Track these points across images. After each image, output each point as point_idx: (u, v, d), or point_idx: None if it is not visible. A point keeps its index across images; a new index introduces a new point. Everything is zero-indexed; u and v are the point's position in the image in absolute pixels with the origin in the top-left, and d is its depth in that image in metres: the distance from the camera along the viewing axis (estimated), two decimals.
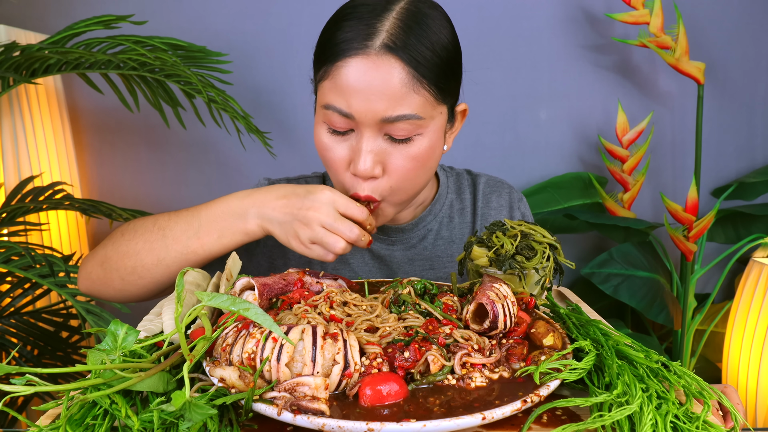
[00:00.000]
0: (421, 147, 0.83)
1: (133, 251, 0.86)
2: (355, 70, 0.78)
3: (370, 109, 0.78)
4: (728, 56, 2.04)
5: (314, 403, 0.47)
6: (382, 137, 0.82)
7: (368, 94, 0.78)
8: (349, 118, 0.80)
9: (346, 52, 0.79)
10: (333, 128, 0.84)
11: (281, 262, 1.04)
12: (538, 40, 2.01)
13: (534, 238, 0.79)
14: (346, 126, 0.82)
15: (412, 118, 0.80)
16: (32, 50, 1.41)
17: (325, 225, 0.77)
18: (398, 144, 0.82)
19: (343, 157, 0.84)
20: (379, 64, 0.78)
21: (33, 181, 1.61)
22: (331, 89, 0.81)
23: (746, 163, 2.11)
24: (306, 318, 0.62)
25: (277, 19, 1.96)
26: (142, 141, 2.00)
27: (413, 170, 0.84)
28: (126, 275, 0.86)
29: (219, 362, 0.53)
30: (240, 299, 0.47)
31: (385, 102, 0.78)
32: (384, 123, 0.80)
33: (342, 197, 0.78)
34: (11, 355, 0.83)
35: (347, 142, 0.84)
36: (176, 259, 0.84)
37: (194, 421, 0.45)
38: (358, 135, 0.82)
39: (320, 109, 0.85)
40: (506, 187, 1.10)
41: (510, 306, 0.64)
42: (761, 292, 1.50)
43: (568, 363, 0.55)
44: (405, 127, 0.80)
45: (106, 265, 0.88)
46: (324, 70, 0.83)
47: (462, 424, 0.46)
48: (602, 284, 1.78)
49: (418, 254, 1.03)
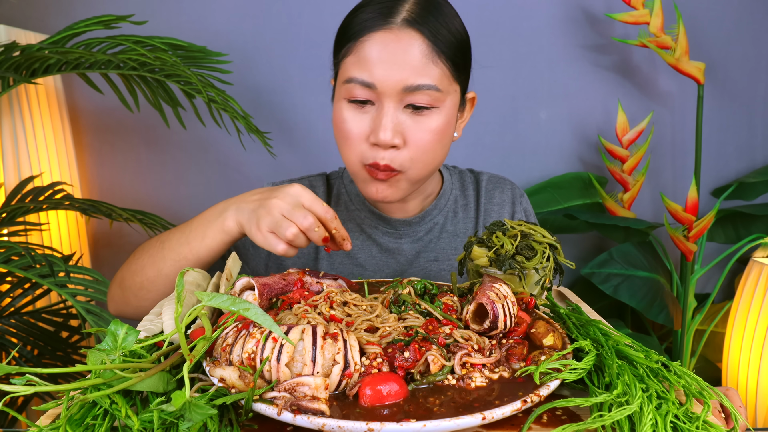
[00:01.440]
0: (438, 121, 0.87)
1: (140, 267, 0.89)
2: (378, 42, 0.84)
3: (392, 77, 0.83)
4: (728, 56, 2.04)
5: (314, 403, 0.47)
6: (401, 109, 0.86)
7: (391, 64, 0.83)
8: (372, 89, 0.85)
9: (369, 29, 0.85)
10: (354, 100, 0.87)
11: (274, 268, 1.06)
12: (538, 40, 2.01)
13: (534, 238, 0.79)
14: (368, 97, 0.86)
15: (431, 89, 0.85)
16: (32, 50, 1.41)
17: (283, 212, 0.76)
18: (417, 116, 0.87)
19: (362, 129, 0.87)
20: (401, 37, 0.84)
21: (33, 181, 1.61)
22: (354, 63, 0.86)
23: (746, 163, 2.11)
24: (306, 318, 0.62)
25: (277, 19, 1.96)
26: (142, 141, 2.00)
27: (431, 143, 0.88)
28: (137, 291, 0.89)
29: (219, 362, 0.53)
30: (240, 299, 0.47)
31: (407, 71, 0.83)
32: (405, 93, 0.84)
33: (310, 193, 0.78)
34: (11, 355, 0.83)
35: (367, 115, 0.87)
36: (172, 267, 0.86)
37: (194, 422, 0.45)
38: (378, 107, 0.86)
39: (341, 86, 0.89)
40: (508, 184, 1.13)
41: (510, 306, 0.64)
42: (761, 292, 1.50)
43: (568, 363, 0.55)
44: (424, 97, 0.85)
45: (122, 285, 0.92)
46: (347, 47, 0.87)
47: (462, 424, 0.46)
48: (602, 284, 1.78)
49: (424, 247, 1.05)
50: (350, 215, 1.06)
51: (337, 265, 1.05)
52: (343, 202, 1.07)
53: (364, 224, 1.05)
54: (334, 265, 1.05)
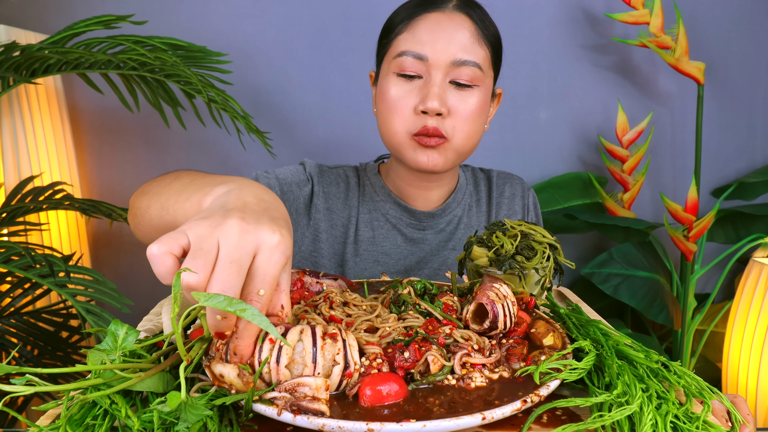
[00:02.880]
0: (478, 99, 0.96)
1: (146, 190, 0.79)
2: (433, 21, 0.95)
3: (444, 51, 0.93)
4: (728, 56, 2.04)
5: (314, 403, 0.47)
6: (447, 83, 0.95)
7: (443, 39, 0.93)
8: (423, 61, 0.93)
9: (425, 9, 0.96)
10: (403, 73, 0.95)
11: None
12: (538, 40, 2.01)
13: (534, 238, 0.79)
14: (417, 70, 0.94)
15: (475, 66, 0.94)
16: (32, 50, 1.41)
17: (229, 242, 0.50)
18: (460, 91, 0.95)
19: (410, 100, 0.95)
20: (453, 18, 0.95)
21: (33, 181, 1.61)
22: (408, 39, 0.95)
23: (746, 163, 2.11)
24: (306, 318, 0.62)
25: (277, 19, 1.96)
26: (142, 141, 2.00)
27: (471, 116, 0.96)
28: (133, 214, 0.81)
29: (215, 360, 0.52)
30: (237, 300, 0.46)
31: (456, 46, 0.93)
32: (452, 66, 0.93)
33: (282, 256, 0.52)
34: (11, 355, 0.83)
35: (415, 87, 0.95)
36: (156, 210, 0.73)
37: (190, 422, 0.45)
38: (426, 79, 0.94)
39: (391, 62, 0.97)
40: (517, 179, 1.21)
41: (510, 306, 0.64)
42: (761, 292, 1.50)
43: (568, 363, 0.55)
44: (469, 73, 0.94)
45: (133, 200, 0.83)
46: (401, 26, 0.97)
47: (462, 424, 0.46)
48: (602, 284, 1.78)
49: (445, 238, 1.12)
50: (375, 206, 1.11)
51: (362, 251, 1.08)
52: (369, 193, 1.12)
53: (389, 215, 1.10)
54: (359, 251, 1.08)
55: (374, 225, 1.10)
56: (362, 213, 1.10)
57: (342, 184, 1.12)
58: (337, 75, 1.99)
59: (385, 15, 1.04)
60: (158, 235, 0.72)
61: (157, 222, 0.73)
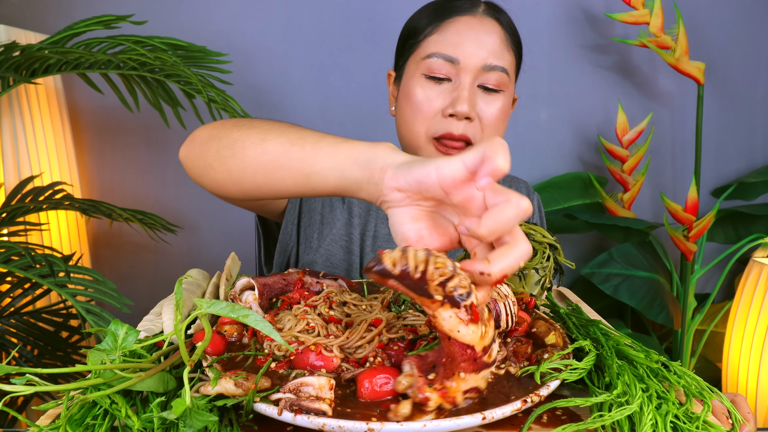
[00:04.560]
0: (504, 103, 0.96)
1: (249, 125, 0.70)
2: (464, 24, 0.94)
3: (475, 54, 0.92)
4: (728, 56, 2.04)
5: (316, 403, 0.47)
6: (475, 87, 0.94)
7: (474, 43, 0.93)
8: (454, 64, 0.93)
9: (456, 12, 0.95)
10: (432, 75, 0.94)
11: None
12: (538, 40, 2.01)
13: (534, 238, 0.79)
14: (446, 73, 0.93)
15: (503, 71, 0.94)
16: (32, 50, 1.41)
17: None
18: (488, 95, 0.95)
19: (438, 103, 0.94)
20: (484, 22, 0.95)
21: (33, 181, 1.61)
22: (439, 41, 0.94)
23: (746, 163, 2.11)
24: (305, 319, 0.62)
25: (277, 19, 1.95)
26: (142, 141, 2.00)
27: (498, 121, 0.96)
28: (222, 147, 0.70)
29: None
30: (239, 306, 0.47)
31: (486, 51, 0.93)
32: (482, 71, 0.93)
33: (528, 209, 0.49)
34: (11, 355, 0.83)
35: (443, 89, 0.94)
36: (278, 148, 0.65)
37: (195, 428, 0.45)
38: (456, 82, 0.93)
39: (420, 63, 0.95)
40: (522, 182, 1.22)
41: (511, 305, 0.64)
42: (761, 292, 1.50)
43: (568, 363, 0.55)
44: (497, 78, 0.94)
45: (216, 130, 0.73)
46: (432, 27, 0.96)
47: (462, 424, 0.46)
48: (602, 284, 1.78)
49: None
50: None
51: (377, 249, 1.07)
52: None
53: None
54: (375, 248, 1.07)
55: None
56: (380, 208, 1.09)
57: None
58: (337, 75, 1.99)
59: (385, 15, 1.04)
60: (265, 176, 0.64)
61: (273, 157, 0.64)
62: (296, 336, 0.59)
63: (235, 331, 0.63)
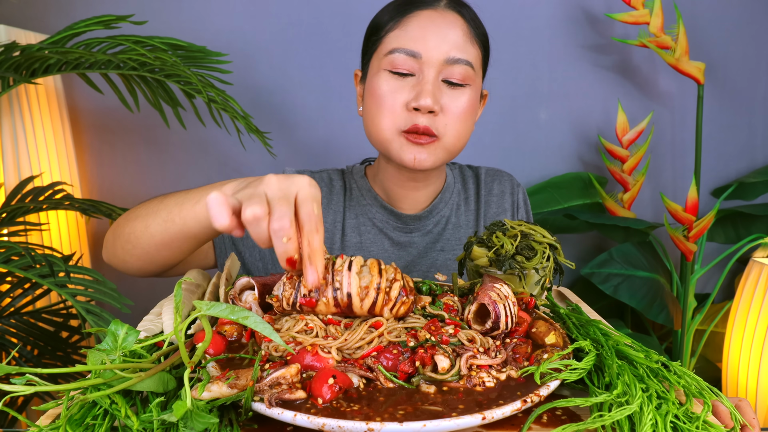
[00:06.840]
0: (469, 98, 0.96)
1: (133, 218, 0.84)
2: (425, 18, 0.94)
3: (437, 47, 0.92)
4: (728, 56, 2.04)
5: (294, 393, 0.49)
6: (440, 82, 0.94)
7: (436, 37, 0.92)
8: (416, 58, 0.92)
9: (418, 6, 0.95)
10: (395, 71, 0.94)
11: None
12: (538, 40, 2.01)
13: (534, 238, 0.79)
14: (410, 68, 0.93)
15: (467, 65, 0.94)
16: (32, 50, 1.41)
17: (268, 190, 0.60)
18: (452, 90, 0.95)
19: (402, 97, 0.94)
20: (446, 16, 0.94)
21: (33, 181, 1.61)
22: (400, 36, 0.94)
23: (746, 163, 2.11)
24: (304, 319, 0.62)
25: (277, 19, 1.95)
26: (142, 141, 2.00)
27: (463, 114, 0.96)
28: (124, 243, 0.85)
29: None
30: (239, 308, 0.48)
31: (449, 44, 0.93)
32: (445, 64, 0.93)
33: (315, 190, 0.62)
34: (11, 355, 0.83)
35: (406, 84, 0.94)
36: (159, 227, 0.79)
37: (197, 430, 0.45)
38: (419, 77, 0.93)
39: (383, 59, 0.96)
40: (506, 175, 1.19)
41: (511, 306, 0.64)
42: (761, 292, 1.50)
43: (568, 363, 0.55)
44: (461, 71, 0.94)
45: (115, 232, 0.88)
46: (393, 22, 0.96)
47: (462, 424, 0.46)
48: (602, 284, 1.78)
49: (433, 240, 1.10)
50: (362, 210, 1.09)
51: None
52: (355, 197, 1.10)
53: (375, 219, 1.09)
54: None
55: (361, 230, 1.08)
56: (349, 218, 1.09)
57: (324, 188, 1.10)
58: (337, 75, 1.99)
59: None
60: (164, 251, 0.82)
61: (160, 237, 0.79)
62: (294, 336, 0.59)
63: (235, 331, 0.63)
